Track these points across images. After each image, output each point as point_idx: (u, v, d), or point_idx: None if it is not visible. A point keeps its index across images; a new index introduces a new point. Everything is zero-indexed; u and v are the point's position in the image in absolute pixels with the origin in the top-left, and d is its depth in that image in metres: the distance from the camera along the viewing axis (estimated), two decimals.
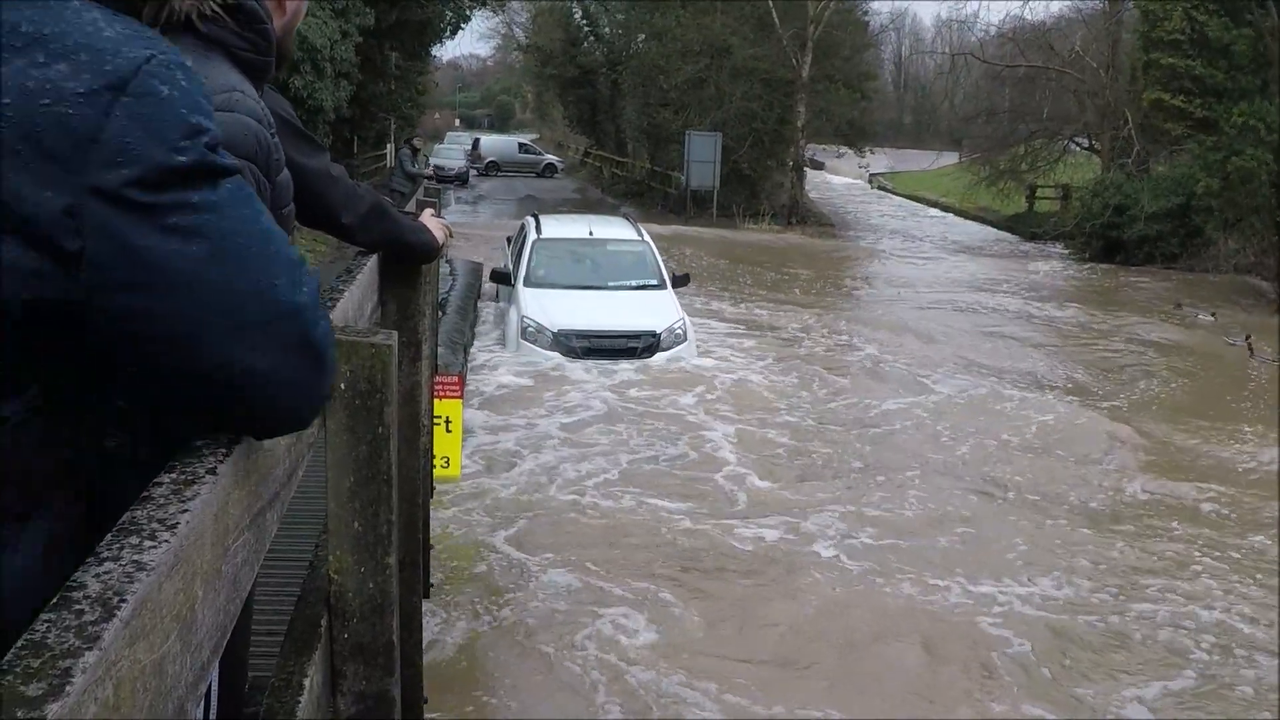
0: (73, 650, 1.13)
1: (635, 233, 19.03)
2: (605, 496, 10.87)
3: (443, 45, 54.76)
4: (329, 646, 2.85)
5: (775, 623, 8.32)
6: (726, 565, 9.29)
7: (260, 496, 1.93)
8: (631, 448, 12.40)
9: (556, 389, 14.38)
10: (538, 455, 11.99)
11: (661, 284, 17.45)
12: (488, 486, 10.91)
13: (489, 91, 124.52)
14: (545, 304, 16.29)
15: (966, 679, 7.62)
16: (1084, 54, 41.13)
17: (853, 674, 7.63)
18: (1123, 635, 8.32)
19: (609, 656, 7.64)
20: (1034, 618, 8.53)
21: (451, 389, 9.33)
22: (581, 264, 17.75)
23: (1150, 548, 10.04)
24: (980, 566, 9.43)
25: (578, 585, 8.78)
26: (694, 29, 45.48)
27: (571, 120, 72.15)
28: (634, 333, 15.92)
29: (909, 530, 10.27)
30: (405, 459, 4.15)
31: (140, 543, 1.38)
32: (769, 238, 37.92)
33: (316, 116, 27.12)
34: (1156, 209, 30.84)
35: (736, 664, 7.64)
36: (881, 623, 8.38)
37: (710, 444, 12.62)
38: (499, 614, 8.17)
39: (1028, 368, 17.44)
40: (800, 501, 10.94)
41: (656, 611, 8.36)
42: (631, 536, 9.83)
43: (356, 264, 3.82)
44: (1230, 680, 7.74)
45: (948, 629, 8.29)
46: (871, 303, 24.38)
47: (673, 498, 10.86)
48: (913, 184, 62.55)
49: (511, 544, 9.54)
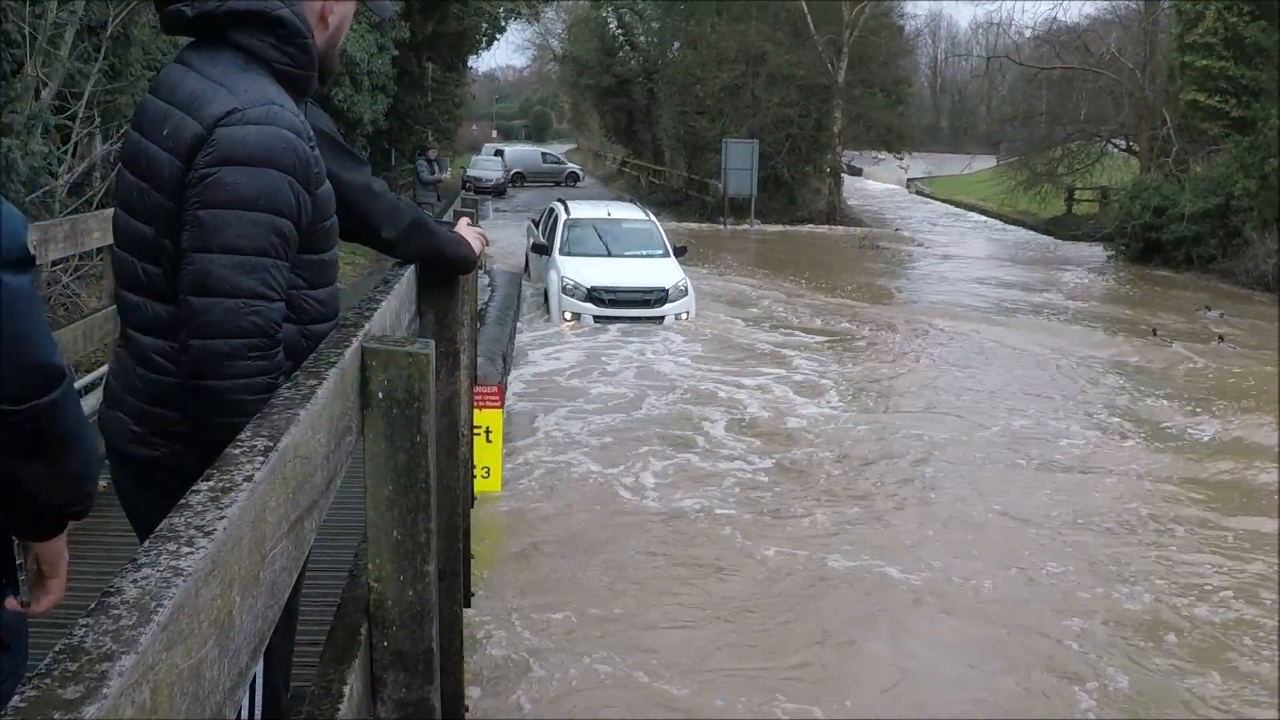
0: (110, 654, 1.14)
1: (643, 214, 24.28)
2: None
3: (479, 57, 55.10)
4: (369, 655, 2.87)
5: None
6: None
7: (298, 504, 1.94)
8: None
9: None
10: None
11: (666, 253, 22.07)
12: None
13: (526, 102, 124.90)
14: (579, 268, 20.73)
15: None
16: (1120, 55, 40.87)
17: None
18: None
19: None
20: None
21: (491, 399, 9.36)
22: (603, 238, 22.20)
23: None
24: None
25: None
26: (729, 36, 45.51)
27: (608, 130, 72.35)
28: (649, 288, 20.42)
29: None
30: (444, 468, 4.17)
31: (178, 549, 1.39)
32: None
33: (355, 129, 27.27)
34: (1195, 210, 30.59)
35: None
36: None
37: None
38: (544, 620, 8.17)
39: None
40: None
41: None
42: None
43: (394, 274, 3.84)
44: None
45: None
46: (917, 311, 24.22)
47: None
48: (950, 188, 62.28)
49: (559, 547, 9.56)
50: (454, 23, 38.52)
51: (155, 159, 2.80)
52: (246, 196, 2.69)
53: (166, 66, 3.03)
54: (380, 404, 2.68)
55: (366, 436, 2.70)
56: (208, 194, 2.69)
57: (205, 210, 2.69)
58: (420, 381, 2.71)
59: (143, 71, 12.49)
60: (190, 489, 1.60)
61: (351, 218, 3.57)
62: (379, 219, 3.76)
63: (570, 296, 20.09)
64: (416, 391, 2.70)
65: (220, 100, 2.76)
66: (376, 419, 2.69)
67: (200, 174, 2.70)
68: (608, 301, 20.00)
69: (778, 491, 11.43)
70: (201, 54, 2.92)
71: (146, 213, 2.83)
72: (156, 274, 2.85)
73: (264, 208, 2.72)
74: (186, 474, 1.99)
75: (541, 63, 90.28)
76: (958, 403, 15.20)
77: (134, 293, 2.93)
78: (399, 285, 3.68)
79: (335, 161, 3.42)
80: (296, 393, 2.17)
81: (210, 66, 2.86)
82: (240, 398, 2.69)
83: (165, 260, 2.82)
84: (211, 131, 2.72)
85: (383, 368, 2.67)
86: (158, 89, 2.94)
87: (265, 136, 2.75)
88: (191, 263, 2.70)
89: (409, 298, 3.99)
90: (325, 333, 3.04)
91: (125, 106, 12.12)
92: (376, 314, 3.07)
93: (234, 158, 2.70)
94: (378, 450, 2.71)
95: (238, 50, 2.90)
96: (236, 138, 2.71)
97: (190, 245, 2.70)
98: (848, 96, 45.94)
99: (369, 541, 2.83)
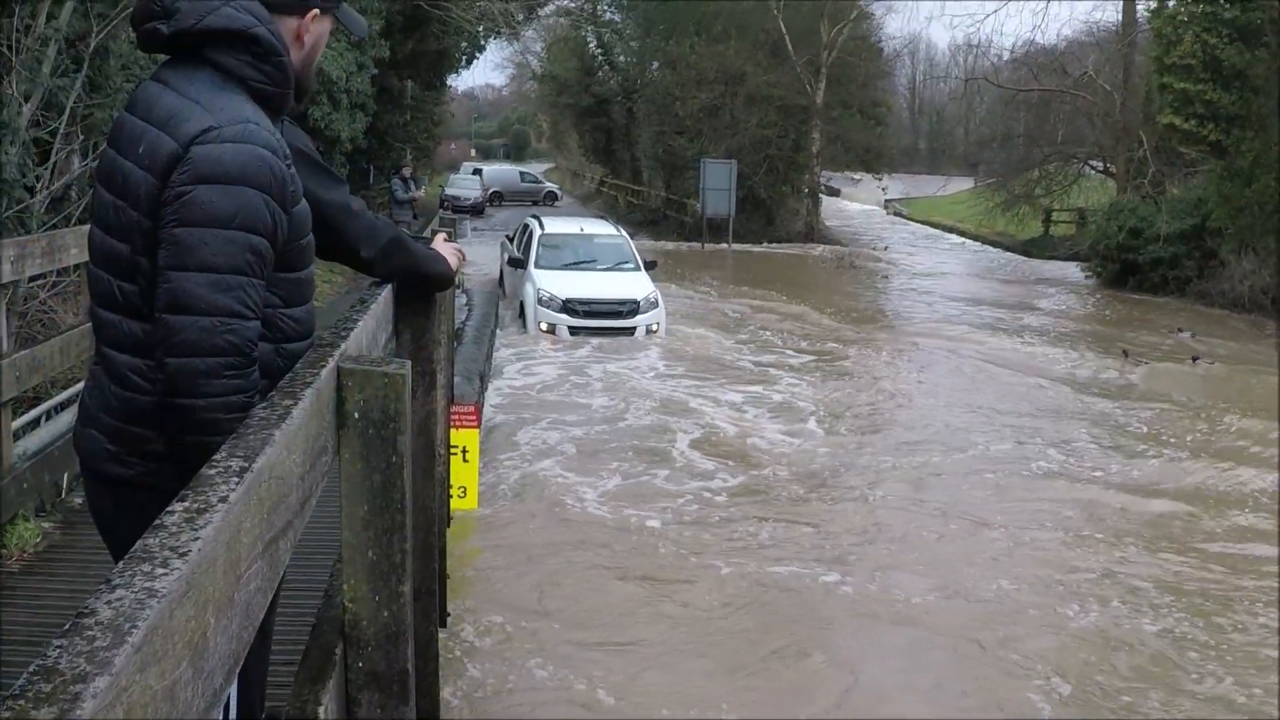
0: (83, 675, 1.15)
1: (615, 229, 25.15)
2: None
3: (458, 75, 55.09)
4: (344, 675, 2.87)
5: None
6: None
7: (273, 525, 1.94)
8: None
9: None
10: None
11: (637, 266, 22.58)
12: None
13: (505, 121, 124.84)
14: (554, 280, 21.24)
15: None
16: (1097, 76, 41.08)
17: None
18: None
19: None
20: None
21: (468, 419, 9.34)
22: (577, 252, 22.98)
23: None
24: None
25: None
26: (708, 57, 45.64)
27: (587, 149, 72.35)
28: (621, 300, 20.97)
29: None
30: (421, 488, 4.17)
31: (152, 570, 1.39)
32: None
33: (333, 147, 27.23)
34: (1171, 231, 30.77)
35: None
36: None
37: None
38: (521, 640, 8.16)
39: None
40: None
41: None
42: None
43: (370, 294, 3.84)
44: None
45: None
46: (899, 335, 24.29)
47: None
48: (928, 209, 62.47)
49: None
50: (434, 41, 38.50)
51: (131, 177, 2.81)
52: (222, 215, 2.70)
53: (143, 84, 3.04)
54: (356, 424, 2.68)
55: (343, 456, 2.70)
56: (184, 212, 2.70)
57: (181, 228, 2.70)
58: (396, 401, 2.71)
59: (123, 84, 12.45)
60: (165, 510, 1.60)
61: (329, 236, 3.58)
62: (357, 237, 3.76)
63: (546, 308, 20.67)
64: (392, 411, 2.71)
65: (196, 118, 2.77)
66: (352, 439, 2.69)
67: (176, 192, 2.71)
68: (582, 313, 20.55)
69: (742, 508, 11.46)
70: (178, 72, 2.93)
71: (122, 230, 2.84)
72: (132, 292, 2.86)
73: (240, 226, 2.72)
74: (162, 493, 2.00)
75: (520, 81, 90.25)
76: (929, 422, 15.23)
77: (109, 310, 2.93)
78: (375, 305, 3.68)
79: (313, 180, 3.43)
80: (272, 413, 2.17)
81: (187, 84, 2.87)
82: (216, 416, 2.70)
83: (141, 278, 2.82)
84: (187, 150, 2.73)
85: (359, 388, 2.67)
86: (134, 106, 2.94)
87: (241, 155, 2.76)
88: (167, 280, 2.71)
89: (386, 317, 3.99)
90: (301, 351, 3.05)
91: (104, 122, 12.07)
92: (353, 334, 3.07)
93: (210, 176, 2.71)
94: (354, 470, 2.71)
95: (214, 68, 2.91)
96: (212, 156, 2.72)
97: (166, 263, 2.71)
98: (826, 117, 46.09)
99: (344, 562, 2.83)
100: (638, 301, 20.93)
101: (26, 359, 7.32)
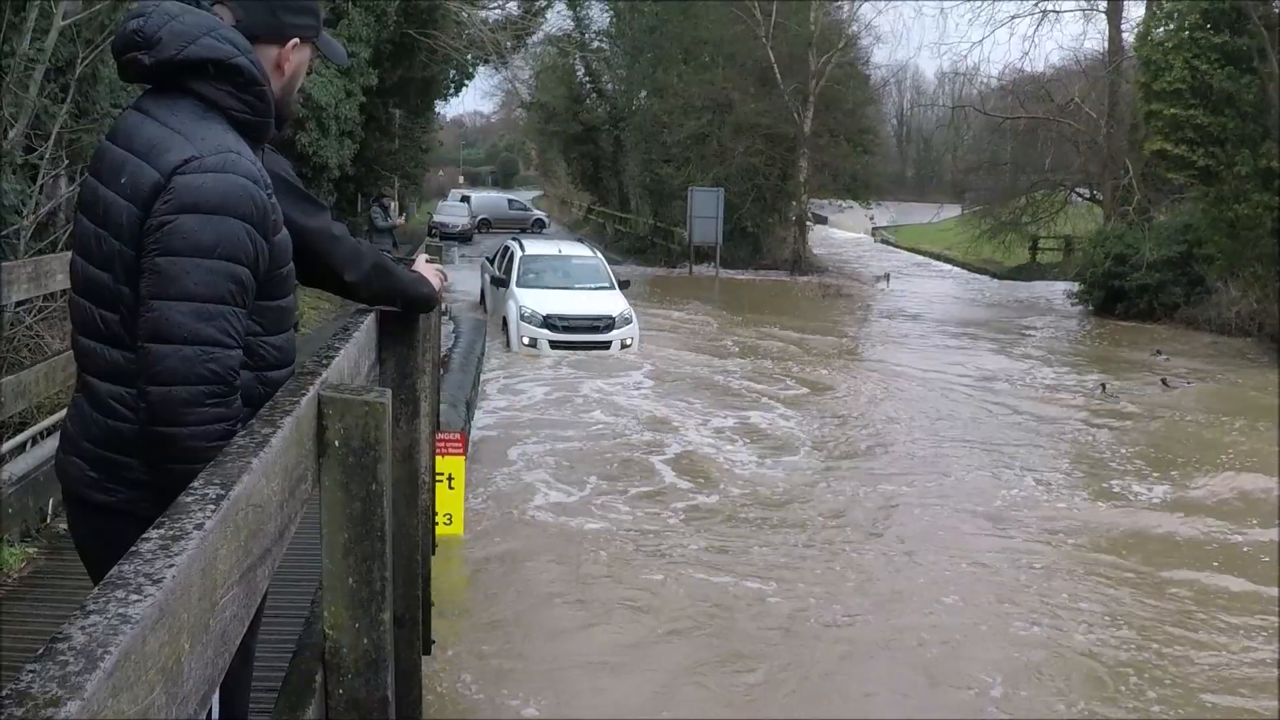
0: (55, 699, 1.16)
1: (590, 251, 26.86)
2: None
3: (447, 103, 55.04)
4: (324, 702, 2.87)
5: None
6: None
7: (250, 552, 1.95)
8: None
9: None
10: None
11: (612, 285, 24.36)
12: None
13: (493, 148, 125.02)
14: (535, 297, 22.77)
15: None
16: (1083, 104, 41.22)
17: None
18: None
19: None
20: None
21: (454, 446, 9.37)
22: (555, 272, 24.49)
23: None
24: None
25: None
26: (696, 85, 45.83)
27: (575, 177, 72.51)
28: (598, 315, 22.55)
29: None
30: (404, 516, 4.17)
31: (126, 596, 1.40)
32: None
33: (321, 174, 27.20)
34: (1157, 257, 30.93)
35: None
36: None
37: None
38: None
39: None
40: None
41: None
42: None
43: (354, 322, 3.85)
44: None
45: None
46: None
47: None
48: (916, 237, 62.64)
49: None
50: (422, 69, 38.52)
51: (113, 206, 2.82)
52: (204, 244, 2.72)
53: (124, 113, 3.06)
54: (336, 452, 2.69)
55: (323, 484, 2.71)
56: (166, 241, 2.71)
57: (164, 258, 2.71)
58: (376, 430, 2.72)
59: (110, 109, 12.46)
60: (141, 536, 1.61)
61: (313, 262, 3.59)
62: (341, 263, 3.77)
63: (528, 324, 22.18)
64: (373, 440, 2.72)
65: (178, 148, 2.79)
66: (333, 467, 2.71)
67: (158, 221, 2.72)
68: (561, 327, 22.06)
69: (718, 529, 11.58)
70: (160, 101, 2.94)
71: (104, 259, 2.85)
72: (114, 320, 2.87)
73: (222, 255, 2.74)
74: (143, 519, 2.00)
75: (509, 109, 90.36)
76: (909, 448, 15.32)
77: (91, 339, 2.94)
78: (359, 333, 3.69)
79: (295, 207, 3.44)
80: (251, 440, 2.19)
81: (169, 114, 2.89)
82: (198, 444, 2.70)
83: (123, 307, 2.84)
84: (169, 179, 2.75)
85: (339, 416, 2.69)
86: (115, 136, 2.96)
87: (223, 184, 2.77)
88: (150, 310, 2.72)
89: (369, 345, 4.00)
90: (282, 379, 3.06)
91: (91, 146, 12.07)
92: (335, 362, 3.08)
93: (192, 205, 2.72)
94: (334, 498, 2.72)
95: (196, 98, 2.93)
96: (194, 185, 2.74)
97: (149, 292, 2.72)
98: (814, 145, 46.16)
99: (324, 589, 2.84)
100: (613, 317, 22.54)
101: (12, 384, 7.32)
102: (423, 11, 34.36)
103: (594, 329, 22.30)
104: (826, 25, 46.82)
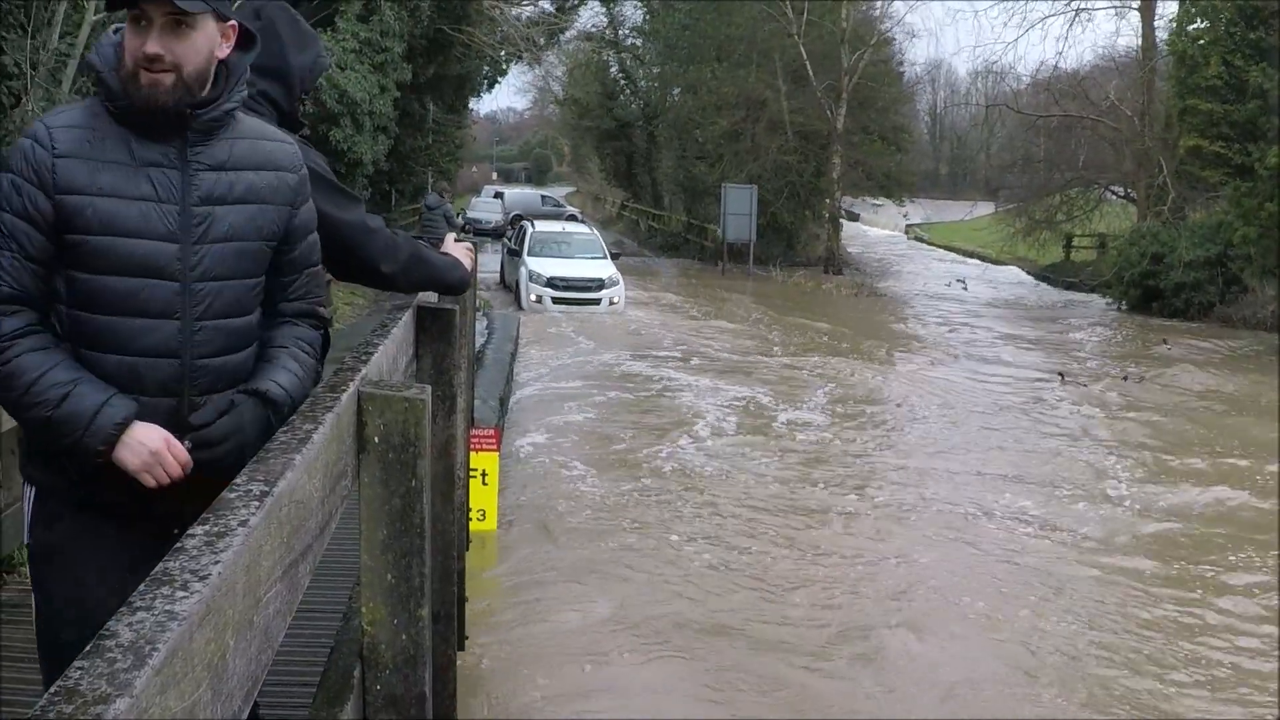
0: (104, 697, 1.16)
1: (588, 229, 34.49)
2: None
3: (480, 99, 55.21)
4: (361, 697, 2.87)
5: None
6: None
7: (293, 549, 1.95)
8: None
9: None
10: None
11: (604, 255, 30.27)
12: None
13: (526, 145, 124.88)
14: (542, 264, 28.62)
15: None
16: (1119, 102, 40.97)
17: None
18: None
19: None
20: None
21: (488, 442, 9.37)
22: (559, 244, 30.33)
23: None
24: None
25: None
26: (729, 82, 45.66)
27: (608, 173, 72.38)
28: (592, 278, 28.12)
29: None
30: (440, 512, 4.17)
31: (173, 593, 1.40)
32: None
33: (355, 170, 27.28)
34: (1193, 257, 30.73)
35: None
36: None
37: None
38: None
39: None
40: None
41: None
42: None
43: (391, 319, 3.86)
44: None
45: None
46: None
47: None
48: (949, 235, 62.31)
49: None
50: (456, 65, 38.62)
51: None
52: None
53: None
54: (376, 448, 2.69)
55: (362, 480, 2.71)
56: None
57: None
58: (416, 426, 2.72)
59: None
60: (186, 533, 1.61)
61: (349, 255, 3.59)
62: (378, 255, 3.77)
63: (535, 284, 27.96)
64: (412, 436, 2.72)
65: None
66: (372, 464, 2.70)
67: None
68: (561, 286, 27.76)
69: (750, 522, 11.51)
70: None
71: None
72: None
73: None
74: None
75: (542, 105, 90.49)
76: (937, 449, 15.24)
77: None
78: (396, 330, 3.69)
79: (329, 201, 3.44)
80: (293, 437, 2.18)
81: None
82: None
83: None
84: None
85: (379, 413, 2.68)
86: None
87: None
88: None
89: (407, 341, 4.01)
90: (115, 366, 2.86)
91: None
92: (373, 358, 3.08)
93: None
94: (373, 494, 2.72)
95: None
96: None
97: None
98: (847, 143, 45.93)
99: (363, 585, 2.84)
100: (603, 280, 28.27)
101: None
102: (456, 7, 34.44)
103: (587, 289, 27.94)
104: (858, 22, 46.63)
